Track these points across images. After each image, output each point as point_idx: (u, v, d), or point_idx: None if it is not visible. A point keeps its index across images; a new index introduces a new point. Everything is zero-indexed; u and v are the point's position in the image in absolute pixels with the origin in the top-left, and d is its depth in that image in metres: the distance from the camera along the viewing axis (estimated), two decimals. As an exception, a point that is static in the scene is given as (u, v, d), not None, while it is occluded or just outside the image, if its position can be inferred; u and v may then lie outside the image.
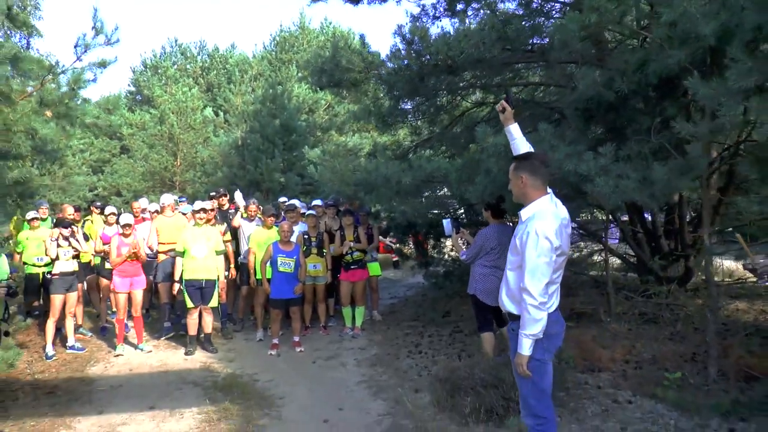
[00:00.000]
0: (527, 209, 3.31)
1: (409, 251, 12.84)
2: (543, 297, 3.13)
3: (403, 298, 11.14)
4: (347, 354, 7.33)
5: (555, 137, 4.87)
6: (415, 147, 9.10)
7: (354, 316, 8.41)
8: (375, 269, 9.13)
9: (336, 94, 9.87)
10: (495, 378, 4.89)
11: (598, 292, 7.76)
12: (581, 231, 8.79)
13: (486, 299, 5.64)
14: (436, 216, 8.15)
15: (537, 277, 3.12)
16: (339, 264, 8.44)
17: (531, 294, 3.12)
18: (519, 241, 3.26)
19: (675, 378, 4.98)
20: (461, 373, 5.29)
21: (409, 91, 7.22)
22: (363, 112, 8.37)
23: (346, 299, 8.37)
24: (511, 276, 3.36)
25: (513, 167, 3.42)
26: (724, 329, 6.35)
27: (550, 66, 6.22)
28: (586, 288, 8.18)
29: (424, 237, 10.91)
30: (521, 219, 3.35)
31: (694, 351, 5.74)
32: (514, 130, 3.78)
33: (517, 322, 3.27)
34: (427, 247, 11.04)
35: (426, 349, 7.18)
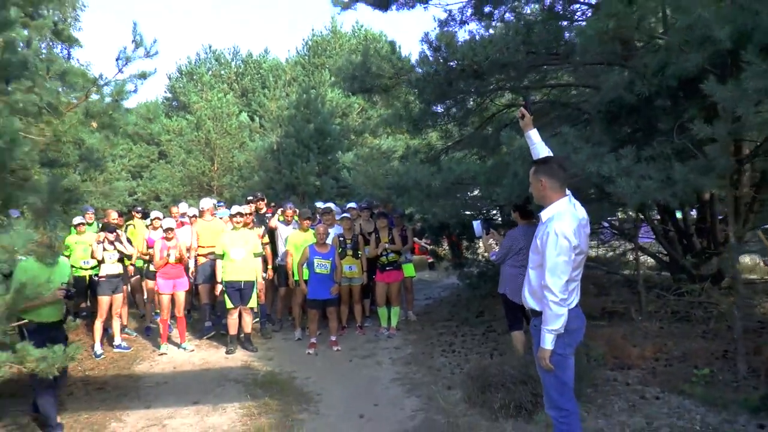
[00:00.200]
0: (547, 210, 3.48)
1: (444, 252, 12.96)
2: (563, 294, 3.29)
3: (438, 298, 11.28)
4: (383, 353, 7.53)
5: (579, 139, 4.99)
6: (447, 149, 9.24)
7: (389, 316, 8.59)
8: (409, 270, 9.29)
9: (367, 99, 10.05)
10: (524, 375, 5.03)
11: (629, 290, 7.79)
12: (614, 230, 8.82)
13: (515, 298, 5.76)
14: (469, 217, 8.28)
15: (557, 275, 3.28)
16: (374, 265, 8.62)
17: (552, 291, 3.29)
18: (540, 241, 3.43)
19: (703, 374, 5.05)
20: (492, 370, 5.46)
21: (438, 96, 7.39)
22: (394, 117, 8.55)
23: (381, 300, 8.56)
24: (533, 274, 3.53)
25: (533, 171, 3.58)
26: (759, 327, 6.36)
27: (575, 68, 6.32)
28: (618, 287, 8.22)
29: (457, 238, 11.06)
30: (541, 220, 3.51)
31: (725, 348, 5.78)
32: (533, 135, 3.94)
33: (539, 318, 3.44)
34: (462, 248, 11.18)
35: (459, 348, 7.34)
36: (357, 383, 6.40)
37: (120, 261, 8.01)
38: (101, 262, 7.84)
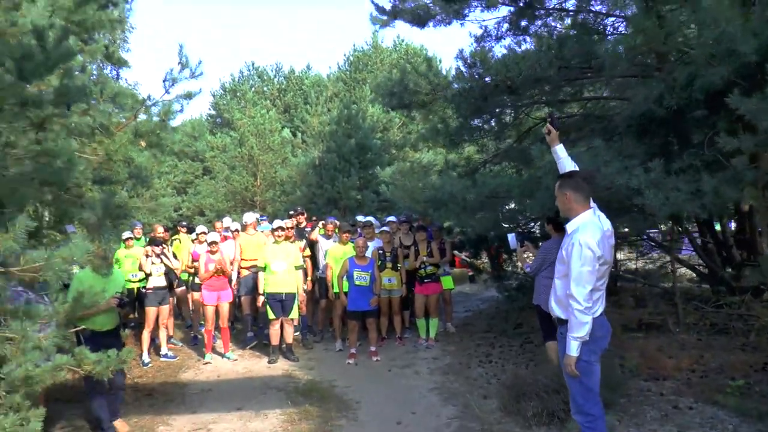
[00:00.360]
0: (572, 223, 3.62)
1: (483, 265, 13.01)
2: (588, 302, 3.42)
3: (477, 310, 11.35)
4: (421, 363, 7.66)
5: (610, 152, 5.09)
6: (485, 163, 9.38)
7: (428, 327, 8.71)
8: (448, 282, 9.40)
9: (406, 115, 10.28)
10: (557, 383, 5.10)
11: (667, 303, 7.76)
12: (652, 243, 8.79)
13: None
14: (507, 230, 8.38)
15: (582, 284, 3.41)
16: (414, 278, 8.76)
17: (577, 300, 3.42)
18: (565, 252, 3.57)
19: (738, 385, 5.04)
20: (526, 380, 5.57)
21: (474, 111, 7.56)
22: (431, 131, 8.74)
23: (420, 311, 8.69)
24: (559, 284, 3.67)
25: (558, 185, 3.73)
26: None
27: (607, 82, 6.40)
28: (656, 299, 8.18)
29: (496, 251, 11.14)
30: (567, 232, 3.65)
31: (765, 361, 5.74)
32: (559, 150, 4.08)
33: (565, 326, 3.57)
34: (502, 261, 11.24)
35: (496, 359, 7.43)
36: (395, 392, 6.55)
37: (166, 274, 8.35)
38: (149, 275, 8.21)
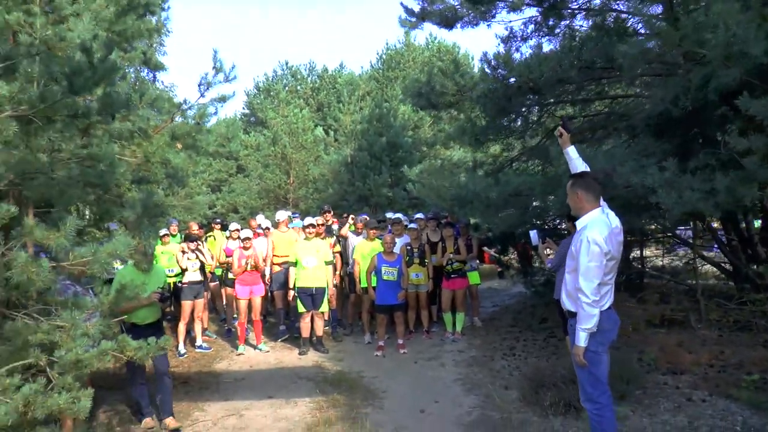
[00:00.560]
0: (581, 220, 3.82)
1: (510, 261, 13.13)
2: (595, 296, 3.62)
3: (504, 305, 11.52)
4: (447, 355, 7.89)
5: (627, 151, 5.24)
6: (511, 162, 9.53)
7: (454, 321, 8.93)
8: (474, 278, 9.58)
9: (434, 115, 10.49)
10: (575, 375, 5.26)
11: (691, 299, 7.83)
12: (677, 240, 8.85)
13: (569, 303, 6.03)
14: (532, 227, 8.52)
15: (589, 279, 3.62)
16: (441, 273, 8.98)
17: (585, 293, 3.62)
18: (574, 248, 3.78)
19: (753, 380, 5.15)
20: (546, 371, 5.79)
21: (499, 111, 7.73)
22: (457, 131, 8.92)
23: (447, 306, 8.90)
24: (569, 278, 3.88)
25: (570, 184, 3.93)
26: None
27: (630, 81, 6.52)
28: (680, 296, 8.25)
29: (523, 247, 11.27)
30: (577, 229, 3.85)
31: (785, 357, 5.82)
32: (571, 152, 4.27)
33: (575, 318, 3.77)
34: (530, 257, 11.37)
35: (520, 352, 7.64)
36: (420, 382, 6.81)
37: (201, 269, 8.71)
38: (184, 270, 8.60)
